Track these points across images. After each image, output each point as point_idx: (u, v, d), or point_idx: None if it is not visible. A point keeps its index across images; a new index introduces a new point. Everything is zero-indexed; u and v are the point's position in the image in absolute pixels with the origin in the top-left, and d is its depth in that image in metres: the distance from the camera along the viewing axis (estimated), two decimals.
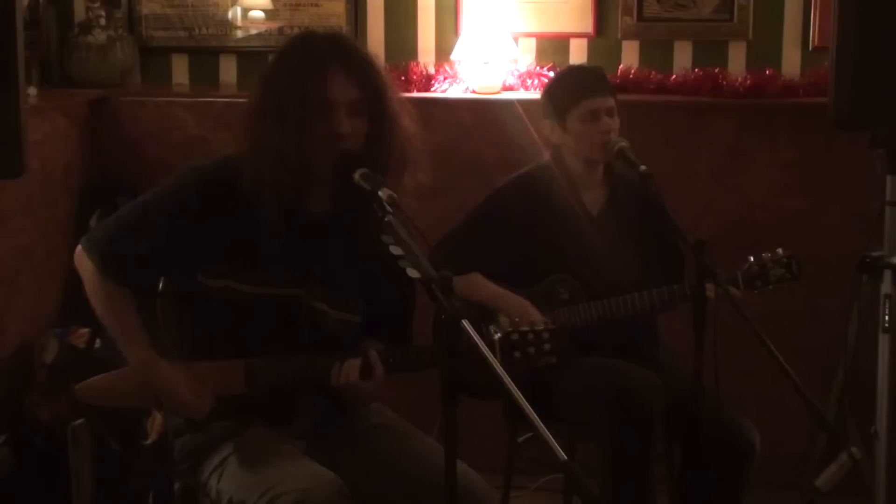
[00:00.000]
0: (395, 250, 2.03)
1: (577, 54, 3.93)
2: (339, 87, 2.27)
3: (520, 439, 3.11)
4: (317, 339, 2.37)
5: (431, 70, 3.90)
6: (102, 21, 3.96)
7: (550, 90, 3.08)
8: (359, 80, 2.29)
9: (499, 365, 1.84)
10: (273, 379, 2.32)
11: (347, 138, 2.27)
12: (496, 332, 2.31)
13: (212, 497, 2.34)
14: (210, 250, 2.32)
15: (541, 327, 2.33)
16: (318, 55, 2.29)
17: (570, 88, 2.99)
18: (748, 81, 3.75)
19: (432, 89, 3.87)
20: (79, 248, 2.41)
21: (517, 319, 2.35)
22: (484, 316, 2.88)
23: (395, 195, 2.11)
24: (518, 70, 3.89)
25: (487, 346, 2.29)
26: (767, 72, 3.77)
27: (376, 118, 2.32)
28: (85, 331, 3.43)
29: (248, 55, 4.07)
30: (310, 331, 2.37)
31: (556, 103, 3.00)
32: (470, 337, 1.86)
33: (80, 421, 3.09)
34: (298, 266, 2.36)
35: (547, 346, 2.32)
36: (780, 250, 2.90)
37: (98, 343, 3.43)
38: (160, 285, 2.47)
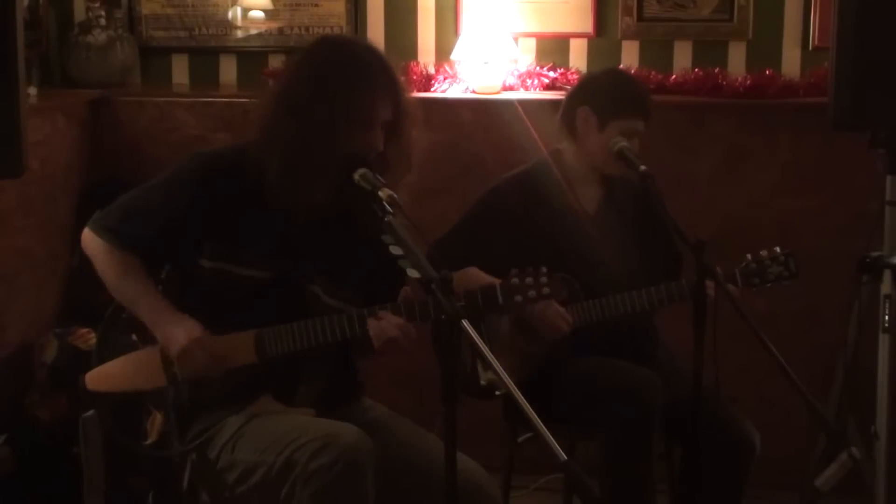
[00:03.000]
0: (395, 250, 2.04)
1: (577, 54, 3.93)
2: (382, 108, 2.36)
3: (520, 439, 3.11)
4: None
5: (431, 70, 3.90)
6: (102, 21, 3.96)
7: (613, 85, 3.00)
8: (395, 102, 2.38)
9: (498, 365, 1.84)
10: (283, 348, 2.35)
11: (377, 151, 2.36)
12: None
13: (223, 472, 2.35)
14: (211, 234, 2.37)
15: (541, 271, 2.39)
16: (367, 73, 2.35)
17: (632, 99, 2.95)
18: (748, 81, 3.75)
19: (432, 89, 3.86)
20: (86, 230, 2.46)
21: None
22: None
23: (395, 195, 2.13)
24: (518, 70, 3.88)
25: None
26: (767, 72, 3.77)
27: (396, 134, 2.41)
28: (85, 331, 3.42)
29: (248, 55, 4.07)
30: (305, 315, 2.39)
31: (610, 102, 2.93)
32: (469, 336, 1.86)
33: (90, 413, 3.08)
34: (296, 253, 2.40)
35: (546, 290, 2.39)
36: (777, 248, 2.90)
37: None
38: (163, 272, 2.49)
